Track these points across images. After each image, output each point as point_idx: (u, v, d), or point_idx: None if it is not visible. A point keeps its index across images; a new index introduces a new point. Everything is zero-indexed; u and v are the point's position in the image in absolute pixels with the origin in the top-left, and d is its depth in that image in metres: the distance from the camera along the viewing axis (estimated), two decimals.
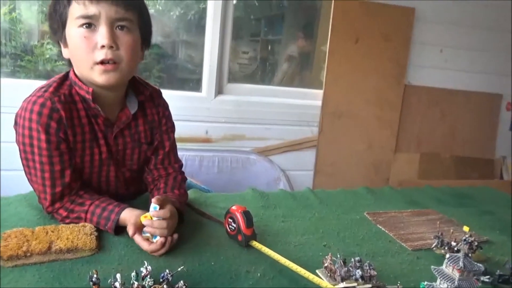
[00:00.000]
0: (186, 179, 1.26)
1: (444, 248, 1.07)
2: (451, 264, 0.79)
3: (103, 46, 0.93)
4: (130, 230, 0.93)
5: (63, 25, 0.96)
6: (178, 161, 1.24)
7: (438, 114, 2.78)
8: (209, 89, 2.33)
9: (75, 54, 0.97)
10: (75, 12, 0.93)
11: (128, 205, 1.02)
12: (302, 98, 2.54)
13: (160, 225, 0.92)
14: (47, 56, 2.15)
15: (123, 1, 0.94)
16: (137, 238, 0.93)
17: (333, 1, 2.39)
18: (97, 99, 1.01)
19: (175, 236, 0.95)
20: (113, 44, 0.93)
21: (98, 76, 0.95)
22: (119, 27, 0.95)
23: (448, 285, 0.78)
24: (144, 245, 0.92)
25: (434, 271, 0.81)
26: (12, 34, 2.06)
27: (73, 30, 0.94)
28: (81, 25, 0.93)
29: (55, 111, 0.95)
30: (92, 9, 0.91)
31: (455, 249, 1.03)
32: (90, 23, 0.93)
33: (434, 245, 1.10)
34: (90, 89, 0.98)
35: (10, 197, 1.17)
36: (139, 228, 0.94)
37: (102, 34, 0.92)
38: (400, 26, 2.54)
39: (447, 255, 0.82)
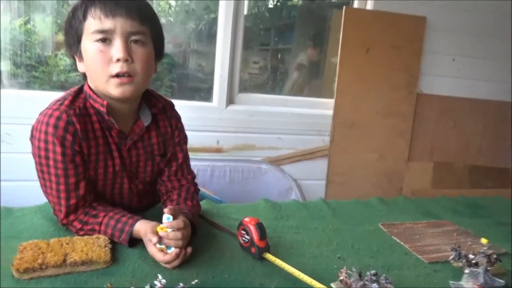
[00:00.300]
0: (199, 190, 1.26)
1: (462, 261, 1.04)
2: (471, 280, 0.77)
3: (118, 60, 0.94)
4: (154, 238, 0.91)
5: (78, 39, 0.98)
6: (191, 173, 1.24)
7: (451, 123, 2.75)
8: (220, 99, 2.34)
9: (90, 68, 0.98)
10: (91, 26, 0.94)
11: (142, 217, 1.01)
12: (313, 107, 2.54)
13: (175, 236, 0.92)
14: (61, 67, 2.18)
15: (138, 15, 0.95)
16: (152, 249, 0.93)
17: (343, 10, 2.39)
18: (111, 112, 1.02)
19: (189, 249, 0.94)
20: (128, 58, 0.95)
21: (114, 89, 0.96)
22: (134, 40, 0.96)
23: None
24: (159, 256, 0.91)
25: (453, 286, 0.80)
26: (27, 45, 2.10)
27: (89, 44, 0.95)
28: (97, 40, 0.94)
29: (70, 124, 0.96)
30: (108, 24, 0.93)
31: (473, 262, 1.01)
32: (105, 38, 0.94)
33: (451, 257, 1.07)
34: (105, 102, 0.99)
35: (25, 208, 1.18)
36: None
37: (117, 48, 0.94)
38: (411, 35, 2.52)
39: (466, 270, 0.80)
